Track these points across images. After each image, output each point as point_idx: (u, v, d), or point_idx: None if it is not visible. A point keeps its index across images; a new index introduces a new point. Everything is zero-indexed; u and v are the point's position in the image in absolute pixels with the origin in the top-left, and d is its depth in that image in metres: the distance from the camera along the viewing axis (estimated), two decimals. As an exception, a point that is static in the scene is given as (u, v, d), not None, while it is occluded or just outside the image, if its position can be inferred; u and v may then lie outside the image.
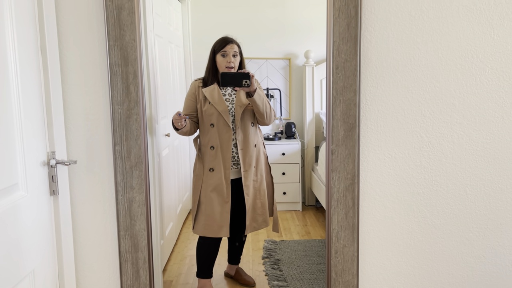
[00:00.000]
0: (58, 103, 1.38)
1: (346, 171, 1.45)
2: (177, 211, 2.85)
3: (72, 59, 1.42)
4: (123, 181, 1.43)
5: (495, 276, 1.55)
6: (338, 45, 1.39)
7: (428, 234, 1.53)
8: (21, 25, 1.21)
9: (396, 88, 1.45)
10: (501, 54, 1.44)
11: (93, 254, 1.51)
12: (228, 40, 2.11)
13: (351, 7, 1.38)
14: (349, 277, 1.50)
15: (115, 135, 1.41)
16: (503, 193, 1.50)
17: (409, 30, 1.43)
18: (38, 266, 1.29)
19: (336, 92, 1.41)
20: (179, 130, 2.08)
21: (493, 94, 1.46)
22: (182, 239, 2.88)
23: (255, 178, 2.19)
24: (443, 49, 1.44)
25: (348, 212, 1.47)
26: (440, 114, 1.47)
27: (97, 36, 1.41)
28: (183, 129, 2.07)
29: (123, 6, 1.36)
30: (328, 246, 1.49)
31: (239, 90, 2.11)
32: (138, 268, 1.48)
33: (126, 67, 1.38)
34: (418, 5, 1.42)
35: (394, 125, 1.47)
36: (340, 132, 1.43)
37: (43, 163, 1.33)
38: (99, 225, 1.50)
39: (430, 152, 1.49)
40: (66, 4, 1.39)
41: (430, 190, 1.51)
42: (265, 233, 2.92)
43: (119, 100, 1.40)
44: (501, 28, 1.43)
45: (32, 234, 1.26)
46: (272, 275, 2.39)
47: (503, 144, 1.48)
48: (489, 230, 1.53)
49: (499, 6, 1.42)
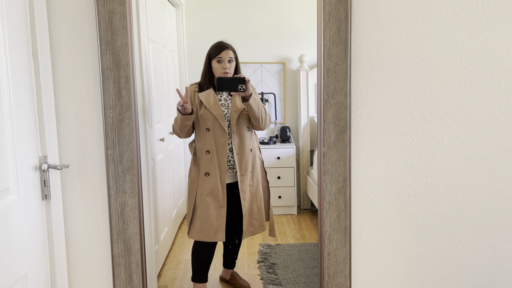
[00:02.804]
0: (50, 108, 1.38)
1: (338, 173, 1.46)
2: (172, 216, 2.84)
3: (64, 63, 1.42)
4: (116, 185, 1.43)
5: (487, 277, 1.56)
6: (328, 48, 1.41)
7: (419, 236, 1.54)
8: (13, 30, 1.22)
9: (386, 91, 1.47)
10: (490, 57, 1.46)
11: (86, 258, 1.51)
12: (224, 46, 2.12)
13: (341, 11, 1.39)
14: (342, 279, 1.50)
15: (107, 139, 1.42)
16: (493, 195, 1.52)
17: (399, 33, 1.44)
18: (30, 271, 1.28)
19: (327, 95, 1.43)
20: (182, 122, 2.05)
21: (482, 96, 1.47)
22: (177, 243, 2.87)
23: (252, 183, 2.20)
24: (433, 52, 1.45)
25: (340, 215, 1.47)
26: (430, 117, 1.48)
27: (89, 41, 1.42)
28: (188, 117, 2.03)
29: (115, 11, 1.37)
30: (321, 249, 1.50)
31: (235, 95, 2.12)
32: (131, 272, 1.48)
33: (118, 71, 1.39)
34: (407, 9, 1.43)
35: (385, 127, 1.49)
36: (332, 135, 1.44)
37: (35, 168, 1.33)
38: (92, 229, 1.50)
39: (420, 154, 1.50)
40: (58, 9, 1.40)
41: (421, 192, 1.52)
42: (260, 237, 2.92)
43: (111, 104, 1.40)
44: (489, 32, 1.44)
45: (24, 238, 1.26)
46: (268, 279, 2.39)
47: (493, 146, 1.50)
48: (480, 231, 1.54)
49: (487, 10, 1.44)
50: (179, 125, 2.08)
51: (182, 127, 2.08)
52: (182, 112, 2.04)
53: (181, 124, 2.07)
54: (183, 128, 2.09)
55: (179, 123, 2.07)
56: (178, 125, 2.08)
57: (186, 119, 2.05)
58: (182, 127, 2.08)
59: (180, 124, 2.07)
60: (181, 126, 2.08)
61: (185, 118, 2.05)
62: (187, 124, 2.07)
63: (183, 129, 2.09)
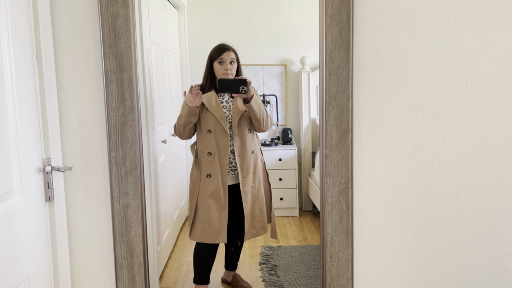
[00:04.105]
0: (53, 110, 1.39)
1: (340, 175, 1.46)
2: (174, 218, 2.85)
3: (68, 66, 1.43)
4: (119, 187, 1.44)
5: (489, 279, 1.56)
6: (330, 51, 1.41)
7: (421, 238, 1.54)
8: (17, 33, 1.23)
9: (388, 93, 1.47)
10: (491, 59, 1.46)
11: (89, 260, 1.51)
12: (225, 48, 2.13)
13: (343, 14, 1.40)
14: (344, 281, 1.51)
15: (111, 141, 1.42)
16: (495, 196, 1.52)
17: (401, 36, 1.45)
18: (33, 272, 1.29)
19: (329, 97, 1.43)
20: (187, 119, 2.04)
21: (484, 98, 1.48)
22: (179, 245, 2.88)
23: (253, 185, 2.20)
24: (434, 54, 1.46)
25: (342, 217, 1.48)
26: (432, 119, 1.48)
27: (92, 44, 1.43)
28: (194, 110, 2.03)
29: (118, 14, 1.38)
30: (323, 251, 1.50)
31: (236, 97, 2.12)
32: (133, 274, 1.48)
33: (121, 74, 1.40)
34: (409, 11, 1.44)
35: (387, 129, 1.49)
36: (334, 137, 1.44)
37: (39, 170, 1.34)
38: (95, 231, 1.50)
39: (422, 156, 1.50)
40: (62, 12, 1.41)
41: (423, 194, 1.52)
42: (262, 239, 2.93)
43: (114, 107, 1.41)
44: (491, 34, 1.45)
45: (27, 240, 1.26)
46: (269, 281, 2.39)
47: (495, 148, 1.50)
48: (482, 233, 1.54)
49: (489, 12, 1.44)
50: (183, 121, 2.05)
51: (187, 123, 2.06)
52: (190, 105, 2.01)
53: (185, 120, 2.04)
54: (187, 125, 2.06)
55: (184, 118, 2.04)
56: (183, 122, 2.05)
57: (192, 112, 2.02)
58: (186, 124, 2.06)
59: (184, 120, 2.05)
60: (186, 122, 2.05)
61: (192, 112, 2.02)
62: (191, 121, 2.05)
63: (187, 126, 2.07)
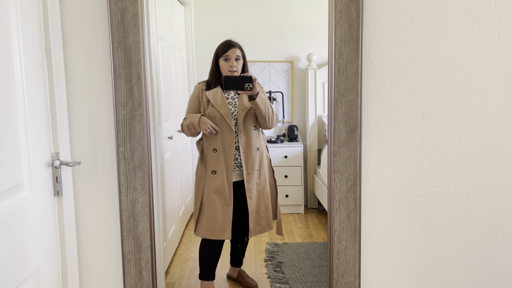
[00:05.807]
0: (62, 105, 1.39)
1: (348, 172, 1.45)
2: (180, 214, 2.85)
3: (77, 61, 1.43)
4: (127, 182, 1.44)
5: (497, 277, 1.55)
6: (339, 47, 1.40)
7: (429, 236, 1.53)
8: (26, 27, 1.23)
9: (397, 89, 1.46)
10: (502, 56, 1.44)
11: (97, 254, 1.52)
12: (231, 44, 2.12)
13: (352, 10, 1.39)
14: (351, 278, 1.50)
15: (119, 136, 1.42)
16: (505, 195, 1.50)
17: (411, 32, 1.44)
18: (42, 266, 1.30)
19: (338, 94, 1.42)
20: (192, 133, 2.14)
21: (495, 95, 1.46)
22: (184, 241, 2.88)
23: (259, 182, 2.20)
24: (444, 51, 1.44)
25: (350, 213, 1.47)
26: (442, 116, 1.47)
27: (101, 39, 1.43)
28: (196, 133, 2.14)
29: (127, 9, 1.37)
30: (330, 247, 1.50)
31: (242, 94, 2.12)
32: (141, 268, 1.48)
33: (129, 69, 1.40)
34: (419, 7, 1.43)
35: (395, 126, 1.48)
36: (342, 133, 1.44)
37: (48, 164, 1.34)
38: (103, 226, 1.51)
39: (431, 154, 1.49)
40: (71, 7, 1.41)
41: (431, 192, 1.51)
42: (267, 236, 2.92)
43: (122, 102, 1.41)
44: (502, 30, 1.43)
45: (36, 234, 1.27)
46: (275, 278, 2.39)
47: (505, 146, 1.48)
48: (491, 231, 1.53)
49: (500, 8, 1.42)
50: (192, 132, 2.14)
51: (194, 133, 2.16)
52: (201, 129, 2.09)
53: (193, 131, 2.13)
54: (194, 134, 2.17)
55: (192, 129, 2.12)
56: (192, 131, 2.14)
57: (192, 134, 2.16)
58: (193, 134, 2.16)
59: (193, 131, 2.14)
60: (194, 133, 2.15)
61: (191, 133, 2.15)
62: (199, 132, 2.14)
63: (194, 134, 2.17)
